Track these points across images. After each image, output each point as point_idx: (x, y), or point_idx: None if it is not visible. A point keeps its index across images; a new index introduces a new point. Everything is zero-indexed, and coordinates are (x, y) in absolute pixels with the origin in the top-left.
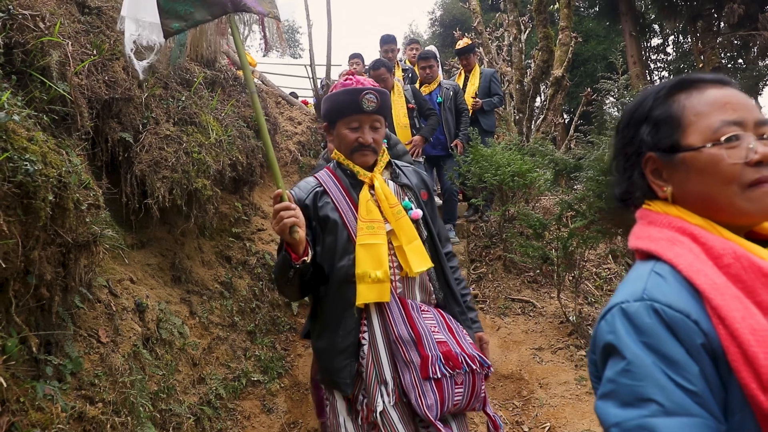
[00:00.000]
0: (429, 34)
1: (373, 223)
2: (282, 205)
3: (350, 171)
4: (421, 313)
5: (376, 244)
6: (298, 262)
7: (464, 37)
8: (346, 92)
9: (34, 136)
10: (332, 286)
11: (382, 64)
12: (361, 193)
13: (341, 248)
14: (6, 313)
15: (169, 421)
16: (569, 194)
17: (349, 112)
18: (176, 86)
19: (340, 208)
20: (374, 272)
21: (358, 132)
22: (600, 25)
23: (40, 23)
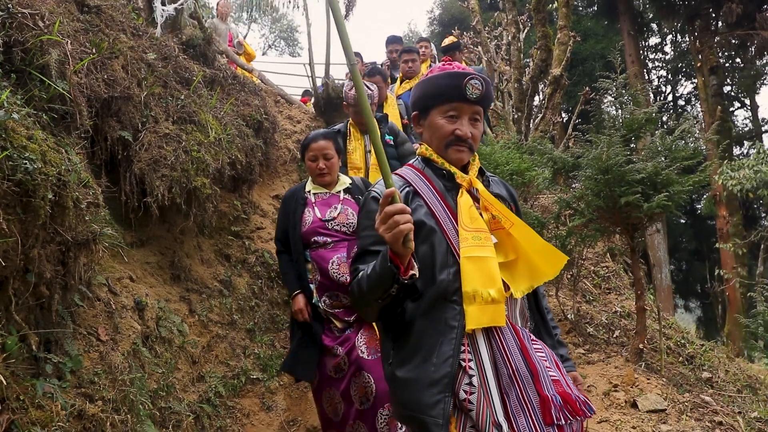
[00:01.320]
0: (428, 32)
1: (480, 233)
2: (397, 207)
3: (446, 171)
4: (532, 343)
5: (486, 258)
6: (406, 276)
7: (451, 35)
8: (448, 75)
9: (33, 134)
10: (425, 305)
11: (378, 71)
12: (462, 198)
13: (440, 260)
14: (6, 311)
15: (168, 419)
16: (567, 193)
17: (448, 98)
18: (175, 85)
19: (437, 214)
20: (487, 290)
21: (456, 123)
22: (598, 24)
23: (40, 22)
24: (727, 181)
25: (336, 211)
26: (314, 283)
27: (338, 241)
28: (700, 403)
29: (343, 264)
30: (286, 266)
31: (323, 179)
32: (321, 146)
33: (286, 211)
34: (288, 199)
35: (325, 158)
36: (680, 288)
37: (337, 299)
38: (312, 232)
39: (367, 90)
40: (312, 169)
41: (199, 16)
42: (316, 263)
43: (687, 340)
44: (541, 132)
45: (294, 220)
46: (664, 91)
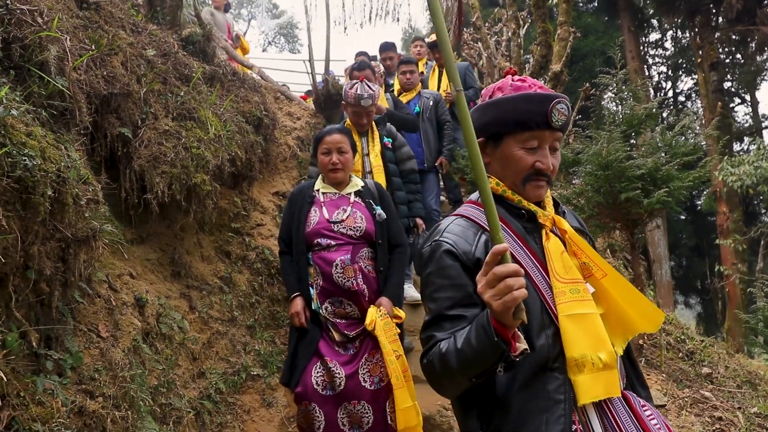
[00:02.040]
0: (427, 29)
1: (577, 285)
2: (509, 268)
3: (524, 210)
4: (644, 410)
5: (589, 315)
6: (516, 353)
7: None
8: (529, 99)
9: (32, 131)
10: (522, 376)
11: (367, 65)
12: (551, 243)
13: (536, 322)
14: (6, 308)
15: (169, 416)
16: (568, 189)
17: (530, 125)
18: (175, 81)
19: (523, 264)
20: (597, 354)
21: (537, 154)
22: (598, 20)
23: (38, 18)
24: (728, 177)
25: (345, 214)
26: (315, 288)
27: (342, 244)
28: (700, 398)
29: (348, 267)
30: (287, 267)
31: (335, 175)
32: (336, 140)
33: (291, 209)
34: (295, 196)
35: (339, 152)
36: (680, 284)
37: (341, 306)
38: (316, 233)
39: (368, 90)
40: (324, 164)
41: (198, 13)
42: (318, 266)
43: (687, 336)
44: None
45: (299, 218)
46: (665, 87)
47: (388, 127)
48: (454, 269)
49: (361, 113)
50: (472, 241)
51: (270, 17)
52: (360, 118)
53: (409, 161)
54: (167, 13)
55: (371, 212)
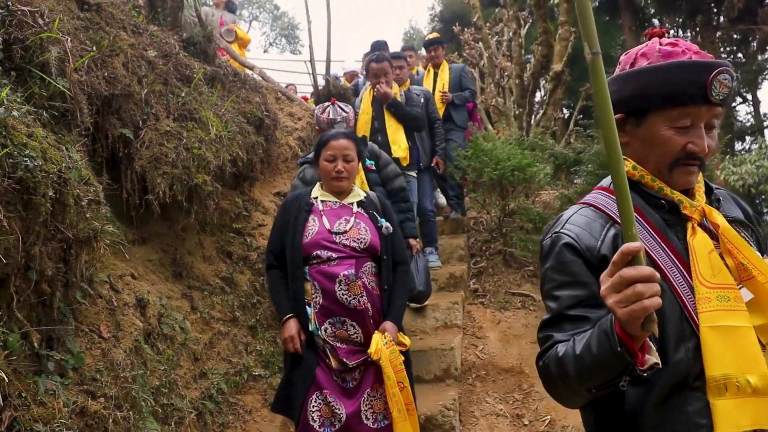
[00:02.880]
0: (429, 29)
1: (727, 291)
2: (642, 271)
3: (665, 200)
4: None
5: (739, 328)
6: (644, 367)
7: (434, 32)
8: (683, 67)
9: (33, 132)
10: (657, 393)
11: (384, 57)
12: (697, 239)
13: (674, 332)
14: (7, 309)
15: (171, 416)
16: (569, 188)
17: (683, 100)
18: (176, 82)
19: (661, 263)
20: (745, 377)
21: (689, 134)
22: (600, 20)
23: (39, 19)
24: (729, 177)
25: (347, 225)
26: (313, 307)
27: (345, 257)
28: None
29: (354, 283)
30: (277, 284)
31: (339, 184)
32: (342, 145)
33: (285, 217)
34: (289, 203)
35: (345, 160)
36: None
37: (342, 327)
38: (314, 245)
39: (341, 112)
40: (327, 171)
41: (199, 14)
42: (317, 282)
43: None
44: (542, 128)
45: (295, 227)
46: None
47: (369, 147)
48: (576, 265)
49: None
50: (598, 234)
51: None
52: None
53: (397, 179)
54: (168, 14)
55: (376, 225)
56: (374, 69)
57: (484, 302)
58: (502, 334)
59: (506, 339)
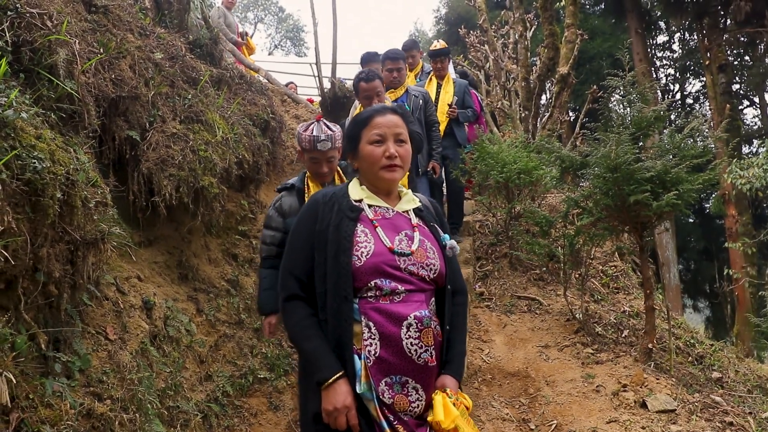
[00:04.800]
0: (434, 32)
1: None
2: None
3: None
4: None
5: None
6: None
7: (440, 40)
8: None
9: (42, 134)
10: None
11: (376, 75)
12: None
13: None
14: (15, 311)
15: (176, 418)
16: (575, 191)
17: None
18: (182, 84)
19: None
20: None
21: None
22: (606, 23)
23: (48, 21)
24: (737, 180)
25: (413, 243)
26: (366, 359)
27: (413, 291)
28: (710, 403)
29: (426, 330)
30: (307, 324)
31: (393, 175)
32: (392, 122)
33: (313, 225)
34: (320, 204)
35: (398, 141)
36: (689, 288)
37: (403, 391)
38: (374, 270)
39: (326, 130)
40: (374, 158)
41: (206, 16)
42: (375, 324)
43: (696, 340)
44: (548, 131)
45: (338, 242)
46: (672, 89)
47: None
48: None
49: (319, 160)
50: None
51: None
52: (319, 166)
53: None
54: (175, 16)
55: (439, 243)
56: (365, 90)
57: (490, 305)
58: (507, 337)
59: (512, 343)
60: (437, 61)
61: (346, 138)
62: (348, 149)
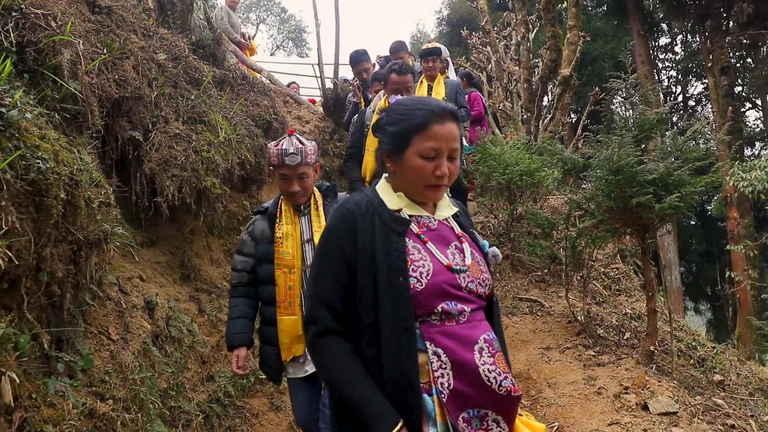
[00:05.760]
0: (436, 33)
1: None
2: None
3: None
4: None
5: None
6: None
7: (433, 41)
8: None
9: (46, 134)
10: None
11: (409, 69)
12: None
13: None
14: (18, 310)
15: (178, 418)
16: (578, 193)
17: None
18: (185, 85)
19: None
20: None
21: None
22: (608, 25)
23: (52, 22)
24: (739, 183)
25: (466, 256)
26: (439, 393)
27: (476, 310)
28: (712, 406)
29: (498, 354)
30: (350, 365)
31: (437, 195)
32: (450, 134)
33: (345, 240)
34: (356, 216)
35: (451, 158)
36: (690, 290)
37: (482, 426)
38: (438, 292)
39: (296, 144)
40: (423, 174)
41: (209, 17)
42: (444, 351)
43: (698, 343)
44: (550, 132)
45: (388, 261)
46: (675, 91)
47: (339, 199)
48: None
49: (289, 177)
50: None
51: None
52: (289, 184)
53: None
54: (178, 17)
55: (482, 251)
56: (395, 83)
57: None
58: (509, 339)
59: (513, 344)
60: (428, 60)
61: (393, 137)
62: (390, 149)
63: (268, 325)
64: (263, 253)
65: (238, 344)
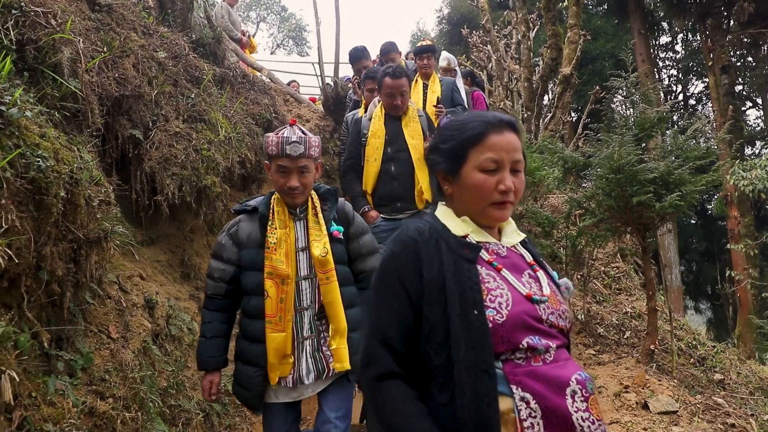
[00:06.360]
0: (436, 32)
1: None
2: None
3: None
4: None
5: None
6: None
7: (427, 39)
8: None
9: (46, 132)
10: None
11: (404, 72)
12: None
13: None
14: (18, 309)
15: (178, 417)
16: (578, 192)
17: None
18: (186, 83)
19: None
20: None
21: None
22: (608, 23)
23: (52, 20)
24: (739, 182)
25: (543, 285)
26: None
27: (561, 346)
28: (712, 405)
29: (592, 397)
30: (414, 412)
31: (503, 213)
32: (511, 144)
33: (408, 271)
34: (419, 244)
35: (513, 170)
36: (691, 289)
37: None
38: (521, 325)
39: (298, 133)
40: (485, 190)
41: (209, 15)
42: (534, 396)
43: (698, 342)
44: (551, 131)
45: (461, 290)
46: (675, 90)
47: (340, 206)
48: None
49: (289, 170)
50: None
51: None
52: (289, 178)
53: (370, 257)
54: (178, 15)
55: (556, 283)
56: (389, 87)
57: None
58: None
59: None
60: (422, 58)
61: (447, 154)
62: (446, 168)
63: (252, 342)
64: (250, 259)
65: (213, 368)
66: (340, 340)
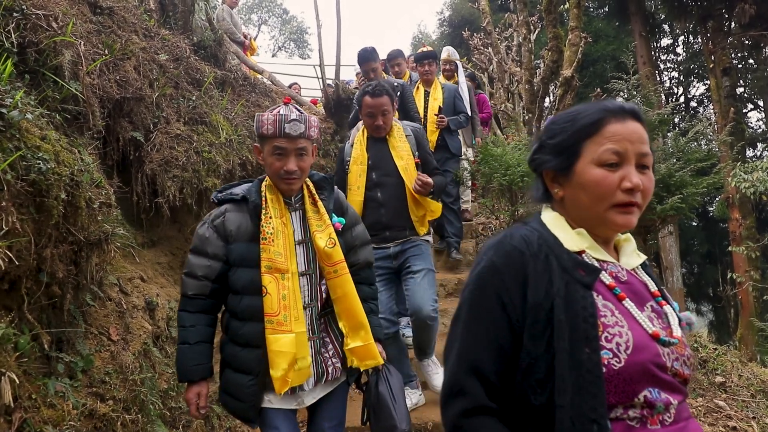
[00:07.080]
0: (438, 34)
1: None
2: None
3: None
4: None
5: None
6: None
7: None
8: None
9: (46, 134)
10: None
11: (384, 90)
12: None
13: None
14: (18, 311)
15: (178, 419)
16: None
17: None
18: (187, 86)
19: None
20: None
21: None
22: (609, 26)
23: (53, 23)
24: (740, 184)
25: (672, 324)
26: None
27: (682, 402)
28: (714, 407)
29: None
30: None
31: (628, 219)
32: (636, 134)
33: (508, 289)
34: (525, 258)
35: (640, 165)
36: (692, 291)
37: None
38: (642, 374)
39: (295, 111)
40: (605, 188)
41: (210, 18)
42: None
43: (699, 344)
44: None
45: (574, 322)
46: (676, 92)
47: (336, 196)
48: None
49: (286, 152)
50: None
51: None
52: (286, 161)
53: (363, 249)
54: (179, 18)
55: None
56: (369, 106)
57: None
58: None
59: None
60: (424, 64)
61: (557, 149)
62: (555, 166)
63: (245, 348)
64: (240, 254)
65: (200, 378)
66: (365, 335)
